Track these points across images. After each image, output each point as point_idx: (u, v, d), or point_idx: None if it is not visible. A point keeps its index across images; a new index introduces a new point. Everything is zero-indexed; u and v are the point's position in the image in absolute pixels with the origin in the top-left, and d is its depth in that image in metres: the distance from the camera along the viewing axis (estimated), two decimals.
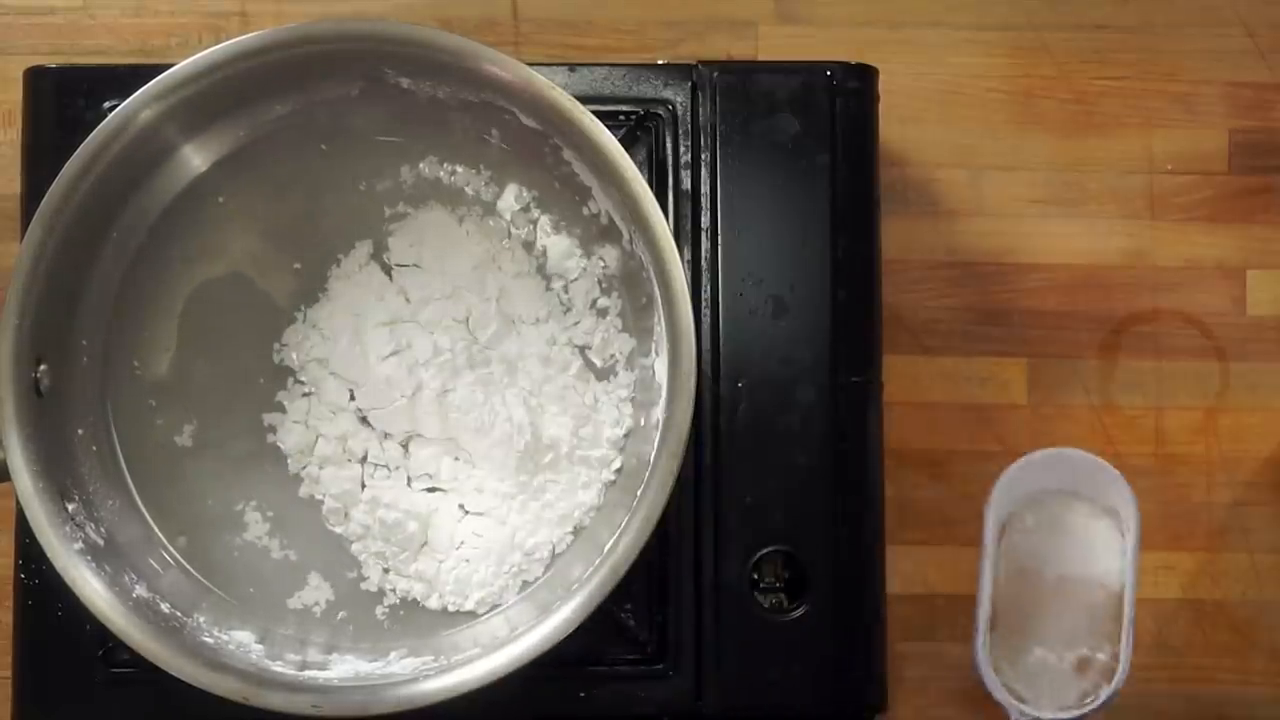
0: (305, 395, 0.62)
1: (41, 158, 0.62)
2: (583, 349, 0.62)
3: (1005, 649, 0.66)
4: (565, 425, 0.61)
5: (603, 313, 0.62)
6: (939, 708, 0.69)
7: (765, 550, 0.61)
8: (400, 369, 0.61)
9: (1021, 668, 0.66)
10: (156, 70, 0.57)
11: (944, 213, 0.71)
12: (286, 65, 0.58)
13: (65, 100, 0.63)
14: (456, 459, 0.61)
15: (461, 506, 0.61)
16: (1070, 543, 0.67)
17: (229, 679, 0.54)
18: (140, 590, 0.57)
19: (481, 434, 0.61)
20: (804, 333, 0.62)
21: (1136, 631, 0.66)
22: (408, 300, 0.62)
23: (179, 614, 0.58)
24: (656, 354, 0.60)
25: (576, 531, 0.61)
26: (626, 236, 0.60)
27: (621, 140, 0.58)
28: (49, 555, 0.55)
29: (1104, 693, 0.63)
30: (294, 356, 0.62)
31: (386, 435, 0.62)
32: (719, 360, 0.61)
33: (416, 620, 0.61)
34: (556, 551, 0.61)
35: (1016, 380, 0.71)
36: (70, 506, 0.57)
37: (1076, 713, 0.64)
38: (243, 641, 0.58)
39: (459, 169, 0.63)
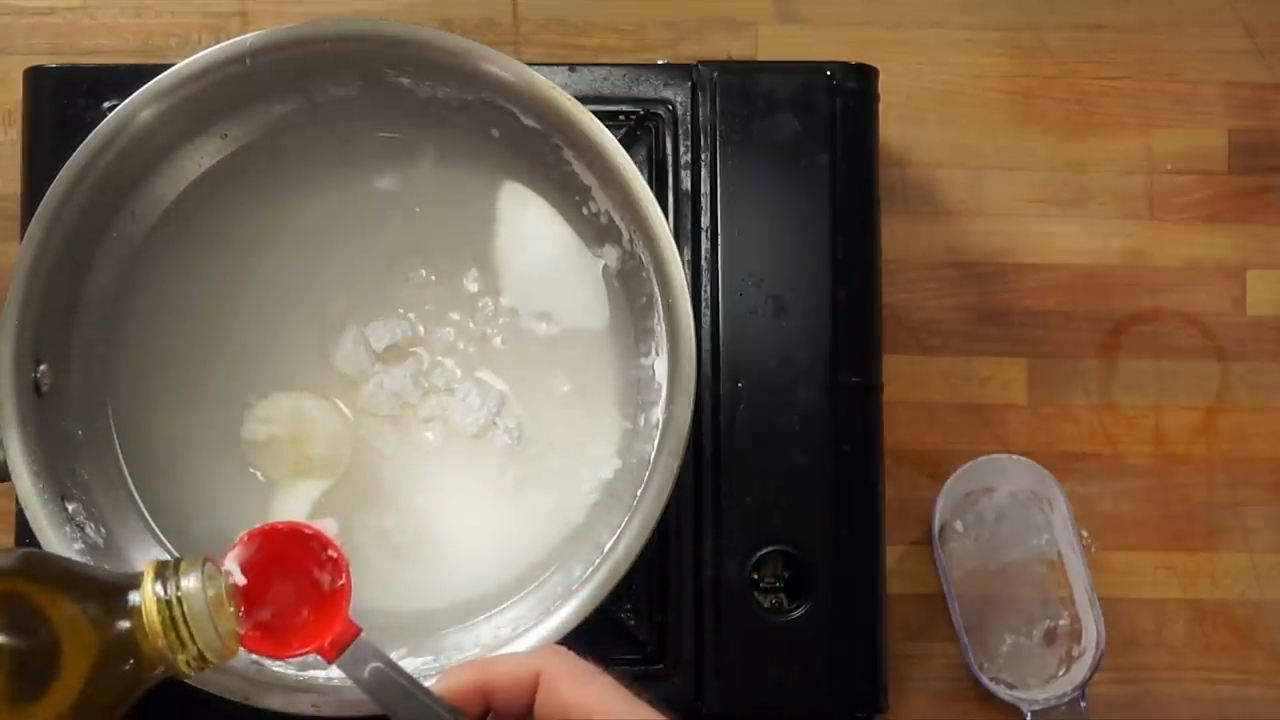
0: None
1: (41, 158, 0.62)
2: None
3: (981, 647, 0.68)
4: (565, 423, 0.61)
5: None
6: (939, 708, 0.69)
7: (765, 550, 0.61)
8: (401, 366, 0.62)
9: (1001, 659, 0.68)
10: (156, 70, 0.57)
11: (944, 213, 0.71)
12: (286, 65, 0.58)
13: (65, 100, 0.63)
14: (456, 458, 0.62)
15: (460, 506, 0.61)
16: (1000, 533, 0.69)
17: (229, 678, 0.54)
18: None
19: (480, 433, 0.61)
20: (804, 333, 0.62)
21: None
22: (410, 292, 0.62)
23: None
24: (656, 354, 0.60)
25: (576, 531, 0.61)
26: (626, 236, 0.60)
27: (621, 140, 0.58)
28: None
29: (1087, 658, 0.66)
30: (296, 355, 0.62)
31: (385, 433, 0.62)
32: (719, 360, 0.61)
33: (416, 620, 0.61)
34: (556, 551, 0.61)
35: (1016, 380, 0.71)
36: (70, 506, 0.57)
37: (1071, 687, 0.66)
38: None
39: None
